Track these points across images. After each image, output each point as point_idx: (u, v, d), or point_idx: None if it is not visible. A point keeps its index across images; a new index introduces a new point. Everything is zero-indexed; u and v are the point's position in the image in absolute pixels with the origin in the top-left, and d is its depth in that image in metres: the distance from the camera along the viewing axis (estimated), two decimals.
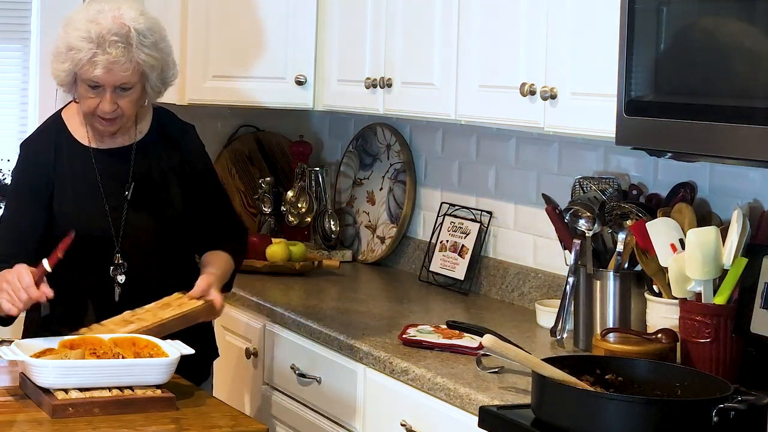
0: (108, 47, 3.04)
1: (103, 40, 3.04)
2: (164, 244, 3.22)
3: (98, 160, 3.20)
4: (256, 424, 2.73)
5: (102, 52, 3.04)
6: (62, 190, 3.18)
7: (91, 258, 3.15)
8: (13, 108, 4.50)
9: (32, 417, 2.67)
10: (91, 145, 3.22)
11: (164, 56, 3.16)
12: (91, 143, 3.22)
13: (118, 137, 3.23)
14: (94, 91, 3.09)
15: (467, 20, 3.39)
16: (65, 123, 3.25)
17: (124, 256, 3.17)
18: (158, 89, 3.19)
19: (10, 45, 4.46)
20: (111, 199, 3.18)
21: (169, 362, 2.79)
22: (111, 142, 3.23)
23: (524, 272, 3.74)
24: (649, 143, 2.70)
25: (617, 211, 3.14)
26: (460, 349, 3.11)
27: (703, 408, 2.37)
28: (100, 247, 3.16)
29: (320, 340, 3.41)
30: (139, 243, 3.19)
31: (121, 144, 3.23)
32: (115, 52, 3.04)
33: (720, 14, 2.54)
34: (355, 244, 4.51)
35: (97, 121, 3.15)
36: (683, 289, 2.81)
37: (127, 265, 3.17)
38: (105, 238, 3.16)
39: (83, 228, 3.10)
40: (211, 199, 3.33)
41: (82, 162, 3.20)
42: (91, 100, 3.11)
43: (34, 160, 3.23)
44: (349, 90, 3.99)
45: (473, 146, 4.02)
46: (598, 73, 2.90)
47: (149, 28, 3.11)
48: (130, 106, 3.14)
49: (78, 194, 3.18)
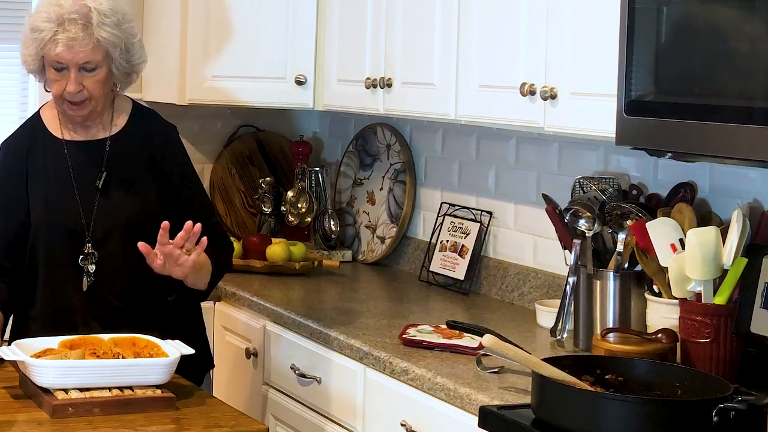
0: (67, 25, 3.09)
1: (62, 19, 3.10)
2: (134, 237, 3.11)
3: (71, 152, 3.23)
4: (256, 424, 2.72)
5: (62, 30, 3.09)
6: (35, 182, 3.20)
7: (62, 248, 3.17)
8: (13, 108, 4.50)
9: (32, 417, 2.67)
10: (65, 138, 3.24)
11: (127, 36, 3.18)
12: (65, 136, 3.24)
13: (92, 129, 3.25)
14: (59, 73, 3.13)
15: (467, 20, 3.39)
16: (42, 118, 3.29)
17: (95, 245, 3.18)
18: (125, 71, 3.20)
19: (10, 45, 4.46)
20: (82, 190, 3.19)
21: (169, 362, 2.79)
22: (86, 134, 3.25)
23: (524, 272, 3.74)
24: (649, 143, 2.70)
25: (617, 211, 3.14)
26: (460, 349, 3.11)
27: (703, 408, 2.37)
28: (71, 237, 3.17)
29: (320, 340, 3.41)
30: (108, 233, 3.19)
31: (95, 137, 3.25)
32: (74, 29, 3.09)
33: (720, 14, 2.54)
34: (355, 244, 4.51)
35: (66, 106, 3.17)
36: (683, 289, 2.81)
37: (96, 255, 3.17)
38: (75, 228, 3.17)
39: (54, 218, 3.15)
40: (189, 204, 3.28)
41: (56, 154, 3.23)
42: (58, 83, 3.14)
43: (10, 158, 3.26)
44: (349, 90, 3.99)
45: (473, 146, 4.02)
46: (598, 73, 2.90)
47: (111, 8, 3.15)
48: (97, 87, 3.15)
49: (50, 185, 3.21)
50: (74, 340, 2.88)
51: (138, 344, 2.90)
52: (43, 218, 3.17)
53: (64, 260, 3.18)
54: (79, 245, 3.18)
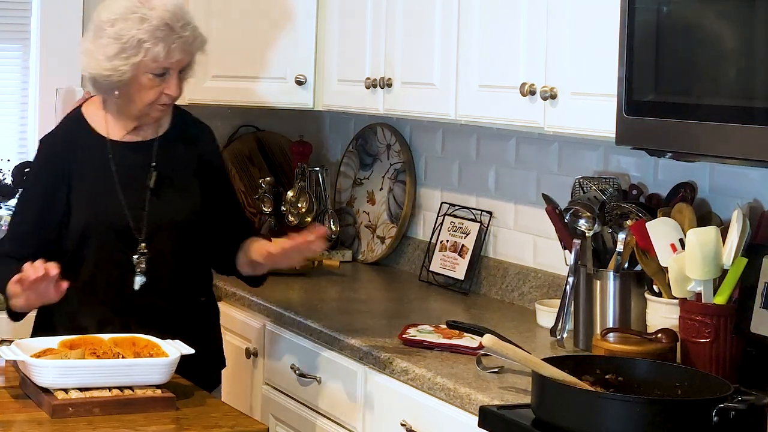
0: (180, 30, 3.13)
1: (172, 25, 3.12)
2: (182, 235, 3.23)
3: (116, 151, 3.23)
4: (256, 424, 2.73)
5: (178, 37, 3.12)
6: (79, 181, 3.19)
7: (109, 248, 3.17)
8: (13, 108, 4.50)
9: (32, 417, 2.67)
10: (110, 138, 3.24)
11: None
12: (111, 135, 3.25)
13: (143, 131, 3.26)
14: (159, 78, 3.15)
15: (467, 20, 3.39)
16: (85, 117, 3.28)
17: (148, 245, 3.19)
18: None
19: (10, 45, 4.46)
20: (129, 189, 3.19)
21: (169, 362, 2.79)
22: (136, 135, 3.26)
23: (524, 272, 3.74)
24: (649, 143, 2.70)
25: (617, 211, 3.14)
26: (460, 349, 3.11)
27: (703, 408, 2.37)
28: (119, 235, 3.17)
29: (320, 340, 3.41)
30: (158, 232, 3.20)
31: (144, 138, 3.26)
32: (187, 33, 3.15)
33: (720, 14, 2.54)
34: (355, 244, 4.51)
35: (155, 110, 3.19)
36: (683, 289, 2.81)
37: (147, 254, 3.18)
38: (123, 227, 3.17)
39: (100, 218, 3.15)
40: (226, 200, 3.38)
41: (100, 153, 3.22)
42: (154, 89, 3.16)
43: (51, 155, 3.25)
44: (349, 90, 3.99)
45: (473, 146, 4.02)
46: (598, 73, 2.90)
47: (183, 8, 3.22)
48: (183, 88, 3.22)
49: (95, 184, 3.20)
50: (74, 340, 2.89)
51: (138, 344, 2.90)
52: (89, 217, 3.15)
53: (113, 259, 3.18)
54: (127, 244, 3.18)
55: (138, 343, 2.90)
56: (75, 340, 2.88)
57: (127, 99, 3.19)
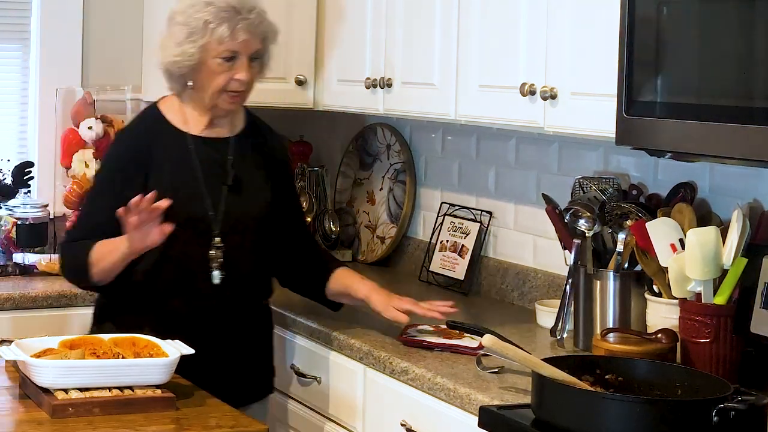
0: (245, 14, 3.17)
1: (236, 9, 3.17)
2: (256, 234, 3.27)
3: (196, 146, 3.25)
4: (256, 424, 2.72)
5: (242, 18, 3.17)
6: (159, 175, 3.19)
7: (189, 241, 3.17)
8: (13, 108, 4.50)
9: (32, 417, 2.67)
10: (190, 132, 3.26)
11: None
12: (191, 130, 3.27)
13: (218, 127, 3.29)
14: (228, 63, 3.18)
15: (467, 20, 3.39)
16: (162, 112, 3.30)
17: (223, 239, 3.20)
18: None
19: (10, 45, 4.46)
20: (209, 185, 3.21)
21: (169, 362, 2.79)
22: (212, 131, 3.29)
23: (524, 272, 3.74)
24: (649, 143, 2.70)
25: (617, 211, 3.14)
26: (460, 349, 3.11)
27: (703, 408, 2.37)
28: (198, 230, 3.18)
29: (320, 340, 3.41)
30: (235, 228, 3.22)
31: (219, 135, 3.29)
32: (252, 17, 3.19)
33: (720, 14, 2.54)
34: (355, 244, 4.51)
35: (224, 99, 3.22)
36: (683, 289, 2.81)
37: (225, 249, 3.20)
38: (203, 221, 3.19)
39: (180, 210, 3.14)
40: (294, 207, 3.45)
41: (181, 148, 3.24)
42: (224, 74, 3.19)
43: (130, 147, 3.26)
44: (349, 90, 3.99)
45: (473, 146, 4.02)
46: (598, 73, 2.90)
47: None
48: (254, 78, 3.25)
49: (176, 179, 3.21)
50: (74, 340, 2.89)
51: (138, 344, 2.90)
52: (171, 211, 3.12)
53: (190, 252, 3.19)
54: (204, 238, 3.19)
55: (138, 343, 2.90)
56: (75, 340, 2.88)
57: (199, 88, 3.22)
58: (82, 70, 4.46)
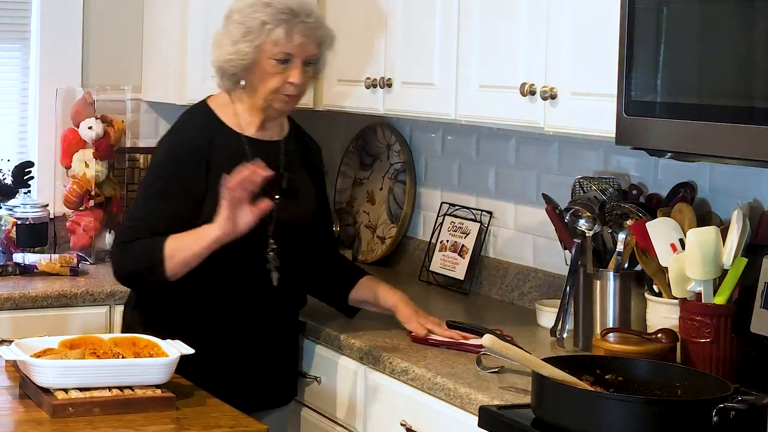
0: (303, 17, 3.17)
1: (294, 12, 3.16)
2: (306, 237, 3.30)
3: (251, 147, 3.24)
4: (256, 424, 2.72)
5: (300, 21, 3.16)
6: (218, 173, 3.13)
7: (246, 244, 3.13)
8: (13, 108, 4.50)
9: (32, 417, 2.67)
10: (245, 133, 3.26)
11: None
12: (246, 132, 3.27)
13: (269, 130, 3.30)
14: (282, 65, 3.18)
15: (467, 20, 3.39)
16: (214, 111, 3.29)
17: (278, 242, 3.21)
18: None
19: (10, 45, 4.46)
20: (263, 187, 3.15)
21: (169, 362, 2.79)
22: (264, 133, 3.29)
23: (524, 272, 3.74)
24: (649, 143, 2.70)
25: (617, 211, 3.14)
26: (467, 347, 3.12)
27: (703, 408, 2.37)
28: (254, 232, 3.14)
29: (320, 340, 3.41)
30: (287, 231, 3.23)
31: (270, 138, 3.31)
32: (311, 20, 3.18)
33: (720, 14, 2.54)
34: (355, 244, 4.51)
35: (278, 100, 3.22)
36: (683, 289, 2.81)
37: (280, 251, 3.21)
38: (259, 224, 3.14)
39: None
40: (327, 213, 3.49)
41: (237, 149, 3.23)
42: (277, 76, 3.19)
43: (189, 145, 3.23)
44: (349, 90, 3.99)
45: (473, 146, 4.02)
46: (598, 73, 2.90)
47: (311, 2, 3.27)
48: (308, 82, 3.26)
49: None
50: (74, 340, 2.88)
51: (138, 344, 2.90)
52: None
53: (249, 256, 3.18)
54: (259, 241, 3.18)
55: (138, 343, 2.90)
56: (75, 340, 2.88)
57: (251, 88, 3.22)
58: (82, 70, 4.46)
